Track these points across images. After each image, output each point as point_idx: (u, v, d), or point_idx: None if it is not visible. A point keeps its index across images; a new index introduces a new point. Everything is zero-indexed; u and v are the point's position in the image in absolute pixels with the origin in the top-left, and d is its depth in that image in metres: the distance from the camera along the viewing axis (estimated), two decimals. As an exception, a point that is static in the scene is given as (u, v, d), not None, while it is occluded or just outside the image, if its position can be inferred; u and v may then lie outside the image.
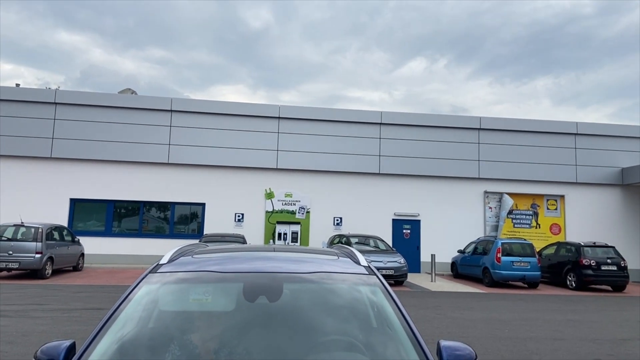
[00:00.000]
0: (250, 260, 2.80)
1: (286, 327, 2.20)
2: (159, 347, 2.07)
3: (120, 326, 2.12)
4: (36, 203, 18.09)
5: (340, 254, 3.07)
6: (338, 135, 20.06)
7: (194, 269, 2.53)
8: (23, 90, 19.22)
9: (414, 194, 20.42)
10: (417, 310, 10.78)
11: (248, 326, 2.21)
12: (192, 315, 2.31)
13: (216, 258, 2.79)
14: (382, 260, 15.04)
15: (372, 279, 2.59)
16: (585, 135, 21.40)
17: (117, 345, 2.03)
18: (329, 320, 2.30)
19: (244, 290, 2.37)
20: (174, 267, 2.55)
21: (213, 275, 2.46)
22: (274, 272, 2.52)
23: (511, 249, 16.34)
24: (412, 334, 2.20)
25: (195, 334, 2.15)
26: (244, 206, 19.41)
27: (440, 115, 21.27)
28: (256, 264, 2.68)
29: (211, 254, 2.89)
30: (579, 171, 21.19)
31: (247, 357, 2.00)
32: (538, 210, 21.33)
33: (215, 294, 2.41)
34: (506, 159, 20.92)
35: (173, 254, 2.78)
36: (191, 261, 2.67)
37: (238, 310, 2.31)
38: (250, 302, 2.31)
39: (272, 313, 2.28)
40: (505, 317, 10.20)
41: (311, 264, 2.77)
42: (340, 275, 2.60)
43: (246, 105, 20.13)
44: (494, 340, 7.91)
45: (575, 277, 16.04)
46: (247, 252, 2.99)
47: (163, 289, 2.39)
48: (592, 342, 8.04)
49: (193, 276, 2.47)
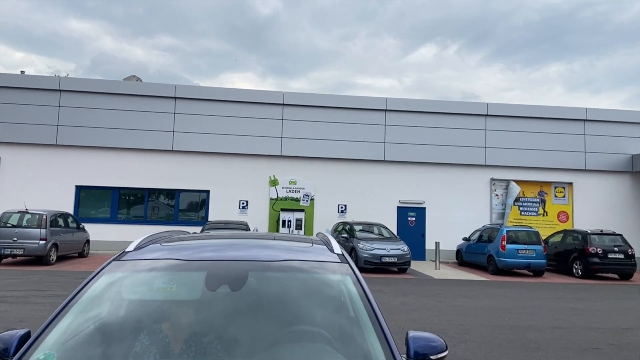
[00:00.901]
0: (219, 248, 2.72)
1: (248, 317, 2.13)
2: (113, 337, 2.01)
3: (75, 315, 2.06)
4: (42, 190, 18.20)
5: (316, 242, 2.99)
6: (343, 122, 19.90)
7: (158, 257, 2.46)
8: (27, 77, 19.27)
9: (420, 182, 20.25)
10: (418, 297, 10.71)
11: (208, 316, 2.13)
12: (151, 304, 2.24)
13: (185, 246, 2.72)
14: (385, 248, 14.98)
15: (343, 268, 2.50)
16: (594, 122, 21.02)
17: (70, 334, 1.97)
18: (294, 310, 2.22)
19: (206, 278, 2.29)
20: (138, 255, 2.48)
21: (176, 264, 2.39)
22: (240, 260, 2.44)
23: (516, 237, 16.17)
24: (378, 325, 2.11)
25: (151, 323, 2.08)
26: (248, 193, 19.38)
27: (446, 102, 21.01)
28: (224, 252, 2.61)
29: (181, 241, 2.81)
30: (588, 158, 20.86)
31: (202, 348, 1.92)
32: (545, 197, 21.08)
33: (178, 283, 2.34)
34: (513, 146, 20.64)
35: (141, 241, 2.71)
36: (158, 249, 2.59)
37: (198, 300, 2.24)
38: (212, 291, 2.24)
39: (233, 302, 2.20)
40: (507, 305, 10.10)
41: (281, 252, 2.69)
42: (310, 264, 2.51)
43: (250, 91, 20.02)
44: (492, 329, 7.82)
45: (581, 265, 15.85)
46: (219, 240, 2.91)
47: (123, 277, 2.32)
48: (594, 331, 7.92)
49: (156, 264, 2.40)
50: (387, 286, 12.35)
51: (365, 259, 14.77)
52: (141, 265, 2.39)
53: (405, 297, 10.79)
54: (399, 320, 8.22)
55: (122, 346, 1.93)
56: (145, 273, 2.35)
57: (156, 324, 2.08)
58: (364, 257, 14.79)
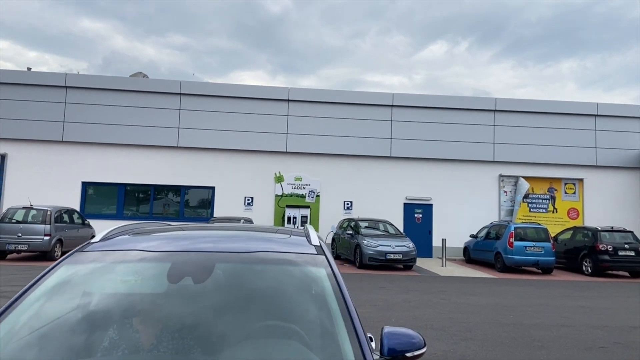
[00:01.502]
0: (189, 239, 2.59)
1: (211, 312, 1.99)
2: (61, 332, 1.88)
3: (24, 310, 1.94)
4: (48, 187, 18.26)
5: (295, 233, 2.85)
6: (349, 118, 19.72)
7: (121, 248, 2.34)
8: (34, 74, 19.33)
9: (426, 178, 20.02)
10: (422, 294, 10.54)
11: (167, 310, 2.00)
12: (108, 297, 2.12)
13: (154, 237, 2.60)
14: (390, 245, 14.81)
15: (319, 260, 2.36)
16: (605, 117, 20.62)
17: (19, 327, 1.86)
18: (262, 304, 2.09)
19: (169, 270, 2.17)
20: (102, 246, 2.36)
21: (140, 255, 2.27)
22: (207, 251, 2.31)
23: (525, 234, 15.91)
24: (350, 322, 1.97)
25: (104, 318, 1.96)
26: (254, 190, 19.30)
27: (453, 97, 20.71)
28: (193, 243, 2.48)
29: (153, 233, 2.69)
30: (598, 154, 20.48)
31: (158, 344, 1.80)
32: (555, 194, 20.74)
33: (140, 275, 2.22)
34: (522, 142, 20.32)
35: (109, 232, 2.60)
36: (125, 240, 2.47)
37: (159, 294, 2.11)
38: (173, 284, 2.11)
39: (195, 296, 2.07)
40: (512, 303, 9.89)
41: (255, 243, 2.56)
42: (283, 255, 2.38)
43: (256, 87, 19.92)
44: (496, 326, 7.64)
45: (591, 263, 15.55)
46: (192, 232, 2.78)
47: (82, 269, 2.20)
48: (600, 329, 7.71)
49: (118, 256, 2.28)
50: (391, 283, 12.19)
51: (370, 255, 14.62)
52: (103, 257, 2.27)
53: (408, 294, 10.62)
54: (399, 317, 8.07)
55: (69, 342, 1.81)
56: (105, 265, 2.23)
57: (110, 318, 1.95)
58: (369, 253, 14.63)
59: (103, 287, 2.17)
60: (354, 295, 10.16)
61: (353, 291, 10.66)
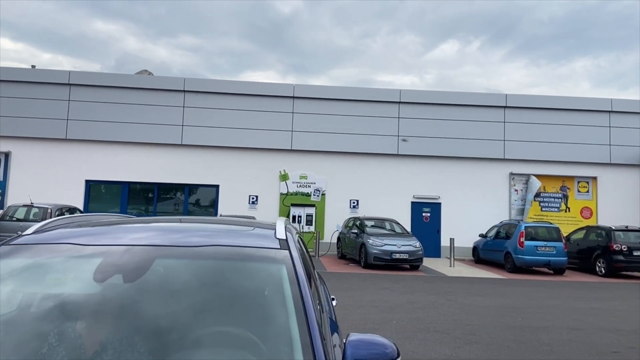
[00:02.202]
0: (134, 231, 2.28)
1: (138, 317, 1.67)
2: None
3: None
4: (52, 185, 18.15)
5: (261, 225, 2.54)
6: (355, 115, 19.36)
7: (51, 241, 2.04)
8: (37, 71, 19.24)
9: (435, 176, 19.58)
10: (426, 295, 10.17)
11: (86, 314, 1.68)
12: (28, 296, 1.81)
13: (95, 230, 2.28)
14: (396, 244, 14.43)
15: (280, 255, 2.04)
16: (620, 113, 20.01)
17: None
18: (204, 306, 1.77)
19: (97, 267, 1.85)
20: (31, 239, 2.07)
21: (69, 249, 1.97)
22: (148, 245, 2.00)
23: (536, 233, 15.43)
24: (305, 327, 1.65)
25: (11, 322, 1.65)
26: (258, 188, 19.02)
27: (462, 93, 20.22)
28: (135, 236, 2.16)
29: (94, 226, 2.38)
30: (613, 151, 19.89)
31: (72, 351, 1.49)
32: (568, 193, 20.18)
33: (64, 272, 1.91)
34: (534, 139, 19.80)
35: (45, 224, 2.30)
36: (59, 233, 2.17)
37: (79, 294, 1.79)
38: (98, 283, 1.79)
39: (122, 297, 1.76)
40: (521, 305, 9.48)
41: (209, 236, 2.24)
42: (238, 250, 2.06)
43: (260, 84, 19.63)
44: (502, 329, 7.25)
45: (605, 263, 15.03)
46: (140, 224, 2.47)
47: (4, 264, 1.89)
48: (613, 333, 7.29)
49: (42, 250, 1.98)
50: (396, 283, 11.82)
51: (375, 255, 14.25)
52: (25, 251, 1.97)
53: (413, 294, 10.25)
54: (401, 319, 7.71)
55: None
56: (26, 260, 1.93)
57: (17, 323, 1.64)
58: (374, 253, 14.26)
59: (21, 285, 1.86)
60: (356, 295, 9.86)
61: (355, 291, 10.37)
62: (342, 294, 9.91)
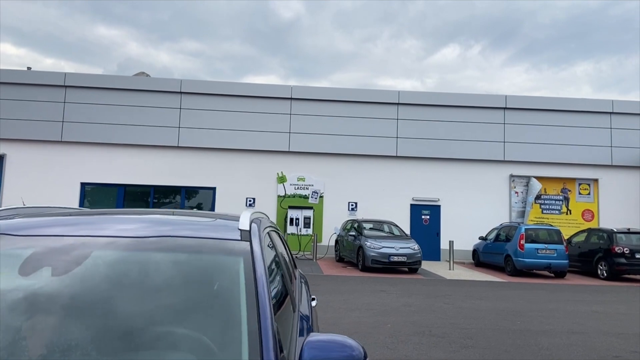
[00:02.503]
0: (75, 223, 2.07)
1: (66, 316, 1.46)
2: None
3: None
4: (47, 187, 17.96)
5: (224, 217, 2.33)
6: (353, 117, 19.16)
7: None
8: (32, 73, 19.08)
9: (434, 178, 19.35)
10: (424, 299, 9.93)
11: (14, 310, 1.48)
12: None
13: (37, 221, 2.08)
14: (394, 247, 14.20)
15: (239, 247, 1.84)
16: (621, 114, 19.78)
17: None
18: (145, 303, 1.56)
19: (26, 259, 1.65)
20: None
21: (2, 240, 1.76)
22: (86, 236, 1.80)
23: (536, 236, 15.20)
24: (256, 323, 1.44)
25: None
26: (256, 190, 18.80)
27: (462, 95, 20.00)
28: (77, 226, 1.96)
29: (40, 215, 2.17)
30: (614, 153, 19.64)
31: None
32: (569, 195, 19.93)
33: None
34: (534, 140, 19.57)
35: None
36: (7, 223, 1.98)
37: (8, 288, 1.59)
38: (24, 276, 1.59)
39: (50, 292, 1.55)
40: (521, 308, 9.24)
41: (161, 227, 2.03)
42: (191, 241, 1.85)
43: (257, 86, 19.45)
44: (501, 333, 7.02)
45: (606, 266, 14.78)
46: (89, 217, 2.26)
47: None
48: (615, 337, 7.05)
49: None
50: (393, 286, 11.59)
51: (373, 258, 14.02)
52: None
53: (410, 297, 10.02)
54: (396, 322, 7.48)
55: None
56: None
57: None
58: (371, 256, 14.03)
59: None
60: (351, 298, 9.62)
61: (351, 294, 10.14)
62: (337, 297, 9.68)
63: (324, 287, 11.08)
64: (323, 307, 8.47)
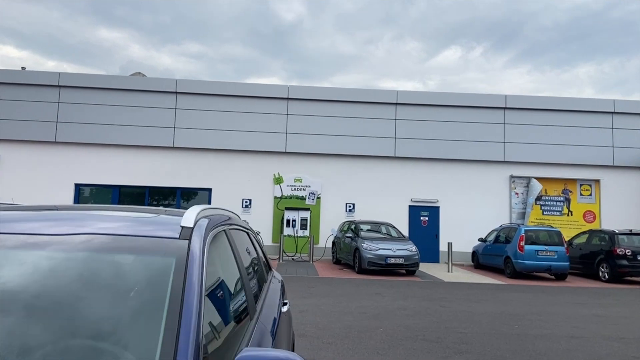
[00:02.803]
0: (12, 220, 1.83)
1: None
2: None
3: None
4: (41, 188, 17.75)
5: (169, 212, 2.09)
6: (351, 117, 18.91)
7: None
8: (27, 73, 18.88)
9: (433, 179, 19.08)
10: (419, 302, 9.67)
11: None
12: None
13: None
14: (391, 248, 13.94)
15: (175, 246, 1.59)
16: (623, 114, 19.50)
17: None
18: (54, 311, 1.31)
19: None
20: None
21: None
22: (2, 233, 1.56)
23: (536, 237, 14.92)
24: (175, 334, 1.20)
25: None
26: (252, 192, 18.56)
27: (461, 94, 19.74)
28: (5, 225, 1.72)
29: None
30: (616, 153, 19.36)
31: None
32: (570, 196, 19.64)
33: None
34: (534, 141, 19.29)
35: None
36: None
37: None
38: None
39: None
40: (519, 311, 8.97)
41: (85, 223, 1.78)
42: (123, 240, 1.61)
43: (254, 85, 19.21)
44: (497, 338, 6.75)
45: (608, 268, 14.49)
46: (19, 212, 2.01)
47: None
48: (617, 341, 6.78)
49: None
50: (389, 289, 11.33)
51: (369, 259, 13.75)
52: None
53: (405, 300, 9.75)
54: (389, 326, 7.22)
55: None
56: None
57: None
58: (368, 257, 13.77)
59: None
60: (345, 301, 9.36)
61: (345, 297, 9.87)
62: (330, 300, 9.43)
63: (317, 289, 10.83)
64: (314, 311, 8.21)
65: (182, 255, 1.54)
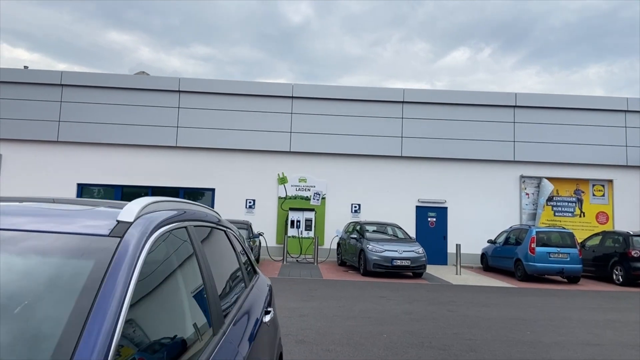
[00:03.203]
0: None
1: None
2: None
3: None
4: (43, 188, 17.55)
5: (110, 205, 1.75)
6: (356, 116, 18.55)
7: None
8: (29, 72, 18.71)
9: (441, 179, 18.66)
10: (426, 305, 9.28)
11: None
12: None
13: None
14: (397, 250, 13.55)
15: (101, 245, 1.25)
16: (636, 113, 18.96)
17: None
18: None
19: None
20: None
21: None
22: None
23: (548, 239, 14.46)
24: None
25: None
26: (256, 192, 18.24)
27: (469, 92, 19.29)
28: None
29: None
30: (629, 153, 18.82)
31: None
32: (582, 196, 19.13)
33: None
34: (545, 140, 18.81)
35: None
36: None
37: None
38: None
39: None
40: (531, 317, 8.55)
41: (13, 218, 1.45)
42: (41, 237, 1.27)
43: (257, 84, 18.91)
44: (508, 345, 6.36)
45: (622, 271, 14.01)
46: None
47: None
48: (634, 349, 6.37)
49: None
50: (395, 292, 10.95)
51: (375, 261, 13.37)
52: None
53: (411, 304, 9.37)
54: (393, 332, 6.85)
55: None
56: None
57: None
58: (373, 259, 13.39)
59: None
60: (348, 305, 9.00)
61: (348, 301, 9.49)
62: (333, 303, 9.07)
63: (320, 292, 10.47)
64: (316, 315, 7.87)
65: (107, 257, 1.21)
